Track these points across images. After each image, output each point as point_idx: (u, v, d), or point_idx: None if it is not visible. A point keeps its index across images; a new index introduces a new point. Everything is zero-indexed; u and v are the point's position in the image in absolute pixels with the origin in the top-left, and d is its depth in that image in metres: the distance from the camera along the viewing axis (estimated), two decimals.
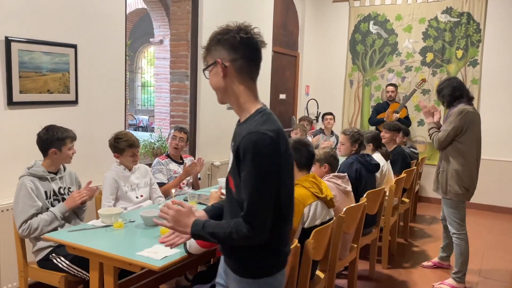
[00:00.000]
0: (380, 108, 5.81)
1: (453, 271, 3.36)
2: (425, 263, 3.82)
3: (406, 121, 5.64)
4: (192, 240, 1.95)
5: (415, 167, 4.59)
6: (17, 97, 2.79)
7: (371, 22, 6.38)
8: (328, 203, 2.37)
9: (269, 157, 1.35)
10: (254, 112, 1.46)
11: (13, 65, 2.74)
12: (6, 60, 2.71)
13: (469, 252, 3.31)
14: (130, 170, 2.96)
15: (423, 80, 5.80)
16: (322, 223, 2.32)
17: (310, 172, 2.45)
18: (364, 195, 3.05)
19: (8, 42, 2.70)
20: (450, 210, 3.30)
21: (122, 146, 2.87)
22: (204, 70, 1.49)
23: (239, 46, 1.40)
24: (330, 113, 5.79)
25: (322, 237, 2.29)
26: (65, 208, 2.46)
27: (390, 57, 6.28)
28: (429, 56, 6.04)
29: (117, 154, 2.91)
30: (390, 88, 5.76)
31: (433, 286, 3.39)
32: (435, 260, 3.79)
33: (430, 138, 3.37)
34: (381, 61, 6.36)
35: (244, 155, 1.35)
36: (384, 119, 5.58)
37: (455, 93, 3.25)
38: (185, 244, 1.99)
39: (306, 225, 2.24)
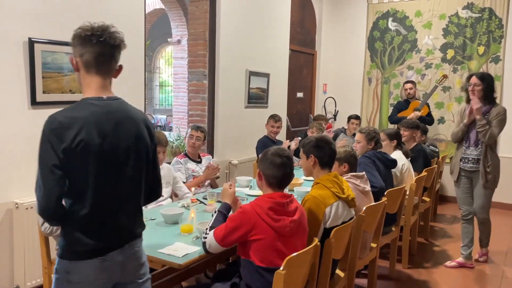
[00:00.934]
0: (401, 106, 5.68)
1: (484, 243, 3.78)
2: (448, 263, 3.75)
3: (429, 118, 5.50)
4: (211, 239, 1.95)
5: (436, 165, 4.52)
6: (40, 97, 2.85)
7: (390, 19, 6.30)
8: (350, 203, 2.35)
9: (48, 138, 1.44)
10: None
11: (37, 65, 2.80)
12: (29, 61, 2.77)
13: None
14: None
15: (444, 76, 5.69)
16: (343, 223, 2.30)
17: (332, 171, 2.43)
18: (385, 194, 3.02)
19: (31, 43, 2.76)
20: (488, 200, 3.59)
21: None
22: (74, 70, 1.59)
23: (84, 42, 1.51)
24: (358, 117, 5.55)
25: (342, 236, 2.28)
26: None
27: (410, 54, 6.20)
28: (450, 53, 5.93)
29: None
30: (408, 85, 5.63)
31: (478, 259, 3.78)
32: (460, 260, 3.73)
33: (483, 133, 3.40)
34: (400, 58, 6.28)
35: None
36: (408, 118, 5.45)
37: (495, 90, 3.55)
38: (204, 243, 2.00)
39: (327, 225, 2.22)
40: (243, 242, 1.93)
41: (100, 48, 1.52)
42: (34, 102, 2.82)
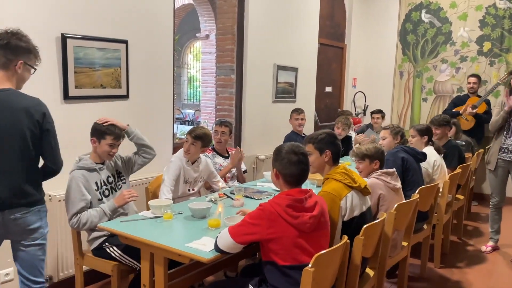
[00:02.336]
0: (459, 101, 5.43)
1: None
2: (483, 248, 3.96)
3: (486, 116, 5.20)
4: (225, 234, 1.91)
5: (471, 162, 4.36)
6: (72, 91, 2.90)
7: (423, 11, 6.10)
8: (363, 191, 2.31)
9: None
10: None
11: (69, 61, 2.85)
12: (62, 56, 2.82)
13: None
14: (193, 163, 3.03)
15: (510, 73, 5.39)
16: (361, 214, 2.26)
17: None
18: (417, 191, 2.93)
19: (64, 38, 2.81)
20: None
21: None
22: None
23: None
24: (379, 111, 5.40)
25: (372, 234, 2.22)
26: (114, 205, 2.52)
27: (444, 47, 5.99)
28: (486, 45, 5.70)
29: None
30: (472, 79, 5.36)
31: None
32: (492, 244, 3.96)
33: None
34: (434, 51, 6.08)
35: None
36: (461, 112, 5.22)
37: None
38: (216, 238, 1.95)
39: (346, 218, 2.19)
40: (263, 244, 1.90)
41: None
42: (66, 97, 2.88)
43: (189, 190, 3.06)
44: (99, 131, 2.53)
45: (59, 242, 2.84)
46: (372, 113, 5.46)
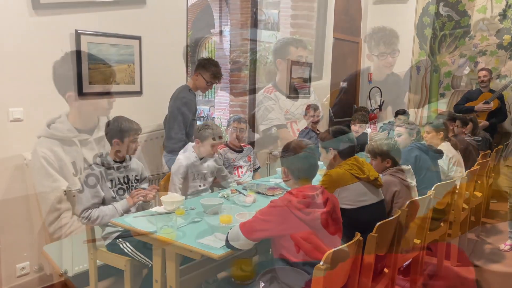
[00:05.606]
0: (472, 95, 5.32)
1: None
2: (501, 247, 3.84)
3: (499, 113, 5.14)
4: (236, 230, 1.90)
5: (489, 158, 4.26)
6: (86, 88, 2.92)
7: (441, 4, 5.97)
8: (373, 183, 2.28)
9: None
10: None
11: (83, 57, 2.87)
12: (76, 52, 2.84)
13: None
14: (201, 158, 3.00)
15: None
16: (369, 205, 2.24)
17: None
18: (432, 188, 2.87)
19: (78, 35, 2.83)
20: None
21: (206, 134, 2.88)
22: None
23: None
24: (405, 112, 5.28)
25: (386, 232, 2.18)
26: (128, 205, 2.54)
27: (462, 41, 5.86)
28: (507, 39, 5.55)
29: (198, 140, 2.93)
30: (482, 73, 5.24)
31: None
32: (510, 242, 3.84)
33: None
34: (452, 45, 5.94)
35: None
36: (475, 108, 5.11)
37: None
38: (227, 236, 1.93)
39: (348, 207, 2.20)
40: (275, 241, 1.88)
41: None
42: (81, 93, 2.89)
43: (200, 186, 3.05)
44: (122, 130, 2.54)
45: (74, 237, 2.87)
46: (397, 113, 5.28)
